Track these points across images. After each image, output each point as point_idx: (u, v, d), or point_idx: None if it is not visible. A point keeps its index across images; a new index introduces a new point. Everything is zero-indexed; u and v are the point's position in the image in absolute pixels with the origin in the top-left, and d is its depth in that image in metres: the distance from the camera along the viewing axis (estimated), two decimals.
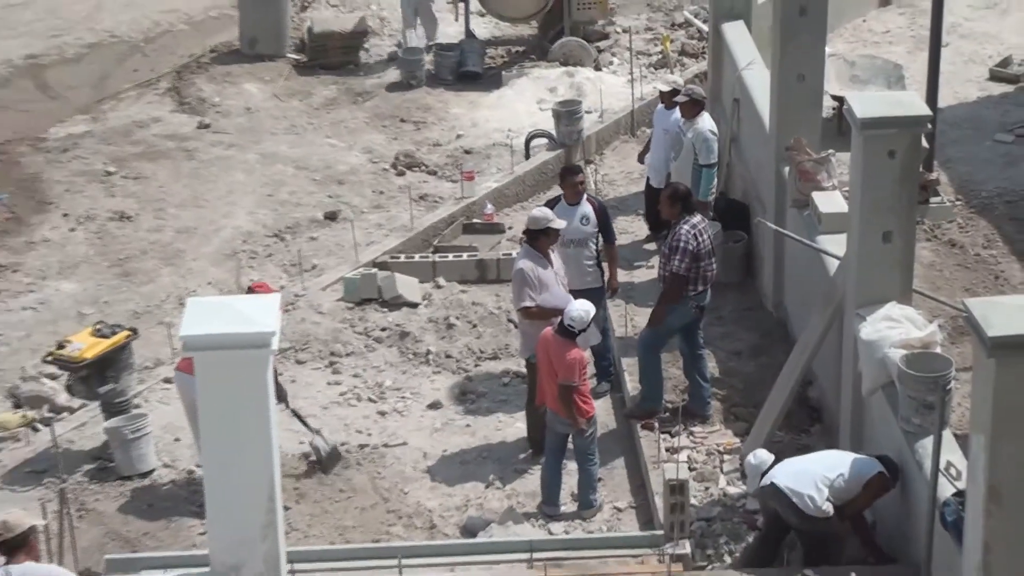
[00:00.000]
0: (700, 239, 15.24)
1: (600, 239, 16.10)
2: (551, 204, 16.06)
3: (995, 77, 22.95)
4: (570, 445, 14.54)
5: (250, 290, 15.03)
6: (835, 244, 14.72)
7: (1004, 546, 10.82)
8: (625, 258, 18.23)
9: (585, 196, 16.14)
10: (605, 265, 16.23)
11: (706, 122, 17.93)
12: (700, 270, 15.26)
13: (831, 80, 18.98)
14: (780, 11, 16.60)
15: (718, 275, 15.96)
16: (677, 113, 18.05)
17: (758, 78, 18.27)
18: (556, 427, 14.48)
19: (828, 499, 12.59)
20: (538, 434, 15.11)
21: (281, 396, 14.89)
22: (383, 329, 17.53)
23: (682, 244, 15.14)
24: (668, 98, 18.24)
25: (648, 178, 18.80)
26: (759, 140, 17.76)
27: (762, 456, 13.14)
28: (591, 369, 15.54)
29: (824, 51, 17.08)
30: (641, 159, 19.62)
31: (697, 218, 15.48)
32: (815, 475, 12.65)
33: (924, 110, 13.80)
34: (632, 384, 15.97)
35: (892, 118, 13.39)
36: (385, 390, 16.59)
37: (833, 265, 14.73)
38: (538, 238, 15.11)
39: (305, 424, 15.34)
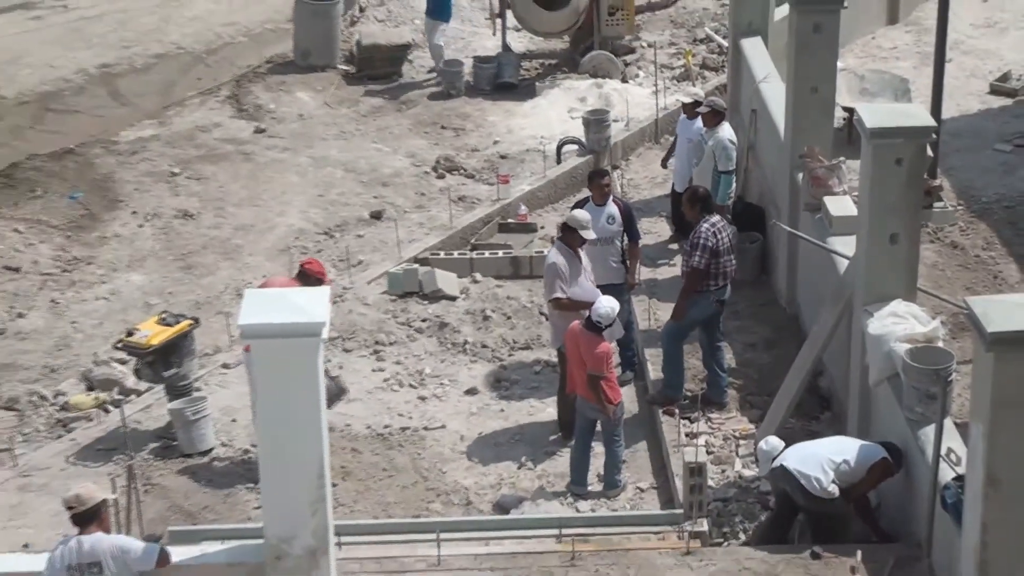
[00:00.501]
0: (719, 237, 15.28)
1: (625, 238, 16.15)
2: (580, 204, 16.12)
3: (995, 91, 22.90)
4: (598, 428, 14.59)
5: (301, 268, 15.04)
6: (845, 245, 14.70)
7: (1000, 527, 10.83)
8: (649, 256, 18.27)
9: (611, 198, 16.20)
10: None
11: (726, 131, 17.95)
12: (719, 266, 15.30)
13: (842, 92, 18.93)
14: (795, 28, 16.55)
15: (736, 273, 16.02)
16: (699, 123, 18.08)
17: (774, 90, 18.21)
18: (586, 412, 14.50)
19: (834, 481, 12.61)
20: (568, 418, 15.13)
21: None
22: (424, 320, 17.55)
23: (702, 241, 15.21)
24: (691, 109, 18.28)
25: (673, 184, 18.81)
26: (775, 148, 17.71)
27: (773, 442, 13.18)
28: (616, 359, 15.53)
29: (836, 65, 17.01)
30: (664, 164, 19.65)
31: (716, 217, 15.57)
32: (822, 459, 12.68)
33: (929, 121, 13.79)
34: (655, 373, 15.96)
35: (899, 128, 13.39)
36: (425, 377, 16.60)
37: (843, 265, 14.70)
38: (570, 234, 15.22)
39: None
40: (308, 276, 14.75)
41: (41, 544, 12.82)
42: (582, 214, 15.40)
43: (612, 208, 16.05)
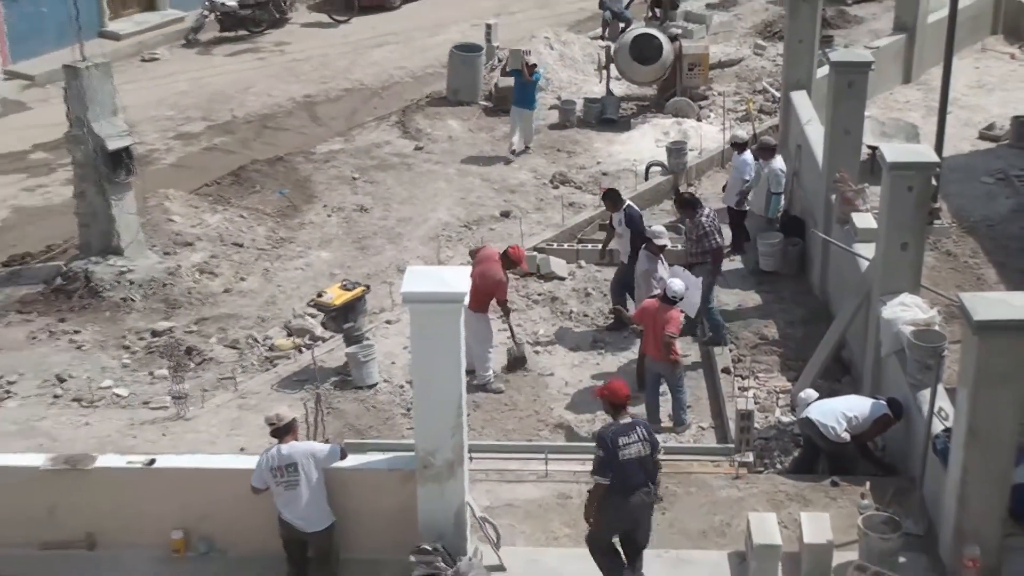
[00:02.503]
0: (716, 223, 16.06)
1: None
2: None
3: (982, 137, 22.52)
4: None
5: (507, 250, 15.42)
6: (866, 250, 14.60)
7: (977, 468, 10.84)
8: None
9: (624, 207, 16.68)
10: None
11: (778, 162, 17.93)
12: (708, 242, 15.94)
13: (867, 134, 18.63)
14: (833, 84, 16.40)
15: (771, 265, 17.08)
16: (744, 155, 18.16)
17: (815, 131, 18.01)
18: (653, 368, 14.55)
19: (846, 430, 12.56)
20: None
21: (506, 311, 15.64)
22: (539, 294, 17.57)
23: (709, 228, 15.90)
24: (739, 147, 18.37)
25: (728, 206, 18.65)
26: (815, 175, 17.53)
27: (810, 392, 13.24)
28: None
29: (864, 114, 16.84)
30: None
31: (707, 209, 16.28)
32: (838, 413, 12.64)
33: (933, 158, 13.76)
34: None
35: (911, 163, 13.35)
36: (539, 336, 16.64)
37: (864, 265, 14.60)
38: (652, 244, 15.57)
39: (512, 335, 15.70)
40: (509, 257, 15.32)
41: (252, 449, 12.99)
42: (659, 229, 15.75)
43: (620, 215, 16.58)
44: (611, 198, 16.91)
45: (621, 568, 11.03)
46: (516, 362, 15.68)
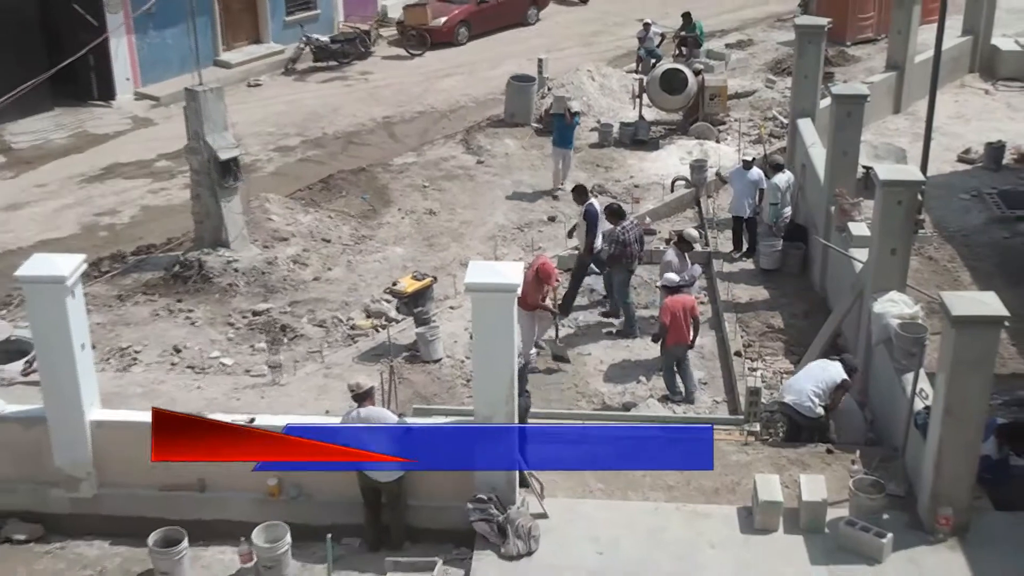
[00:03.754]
0: (626, 234, 15.85)
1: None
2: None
3: (960, 160, 22.23)
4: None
5: (538, 266, 15.05)
6: (860, 254, 14.52)
7: (951, 441, 10.79)
8: (726, 261, 18.13)
9: (587, 203, 16.63)
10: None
11: (779, 178, 17.89)
12: (629, 251, 15.89)
13: (862, 156, 18.41)
14: (834, 113, 16.31)
15: (770, 264, 17.01)
16: (753, 172, 18.01)
17: (818, 152, 17.90)
18: (675, 353, 14.50)
19: (820, 405, 12.49)
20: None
21: (551, 312, 15.45)
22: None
23: (615, 237, 15.87)
24: (747, 164, 18.27)
25: (732, 212, 18.55)
26: (817, 189, 17.43)
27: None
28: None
29: (860, 138, 16.73)
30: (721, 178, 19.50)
31: (627, 222, 16.20)
32: (807, 391, 12.54)
33: (919, 177, 13.66)
34: (728, 325, 15.89)
35: (900, 181, 13.29)
36: (579, 323, 16.60)
37: (858, 267, 14.52)
38: (682, 243, 15.53)
39: (556, 332, 15.58)
40: (539, 271, 15.02)
41: (336, 411, 13.04)
42: (692, 232, 15.70)
43: (582, 209, 16.66)
44: (578, 192, 17.04)
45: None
46: (556, 359, 15.47)
